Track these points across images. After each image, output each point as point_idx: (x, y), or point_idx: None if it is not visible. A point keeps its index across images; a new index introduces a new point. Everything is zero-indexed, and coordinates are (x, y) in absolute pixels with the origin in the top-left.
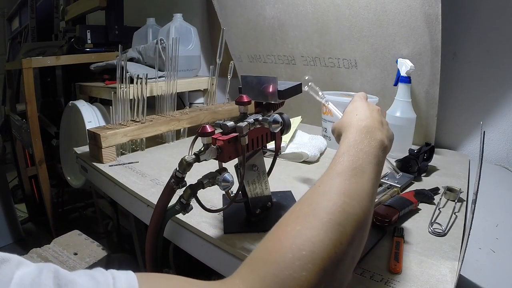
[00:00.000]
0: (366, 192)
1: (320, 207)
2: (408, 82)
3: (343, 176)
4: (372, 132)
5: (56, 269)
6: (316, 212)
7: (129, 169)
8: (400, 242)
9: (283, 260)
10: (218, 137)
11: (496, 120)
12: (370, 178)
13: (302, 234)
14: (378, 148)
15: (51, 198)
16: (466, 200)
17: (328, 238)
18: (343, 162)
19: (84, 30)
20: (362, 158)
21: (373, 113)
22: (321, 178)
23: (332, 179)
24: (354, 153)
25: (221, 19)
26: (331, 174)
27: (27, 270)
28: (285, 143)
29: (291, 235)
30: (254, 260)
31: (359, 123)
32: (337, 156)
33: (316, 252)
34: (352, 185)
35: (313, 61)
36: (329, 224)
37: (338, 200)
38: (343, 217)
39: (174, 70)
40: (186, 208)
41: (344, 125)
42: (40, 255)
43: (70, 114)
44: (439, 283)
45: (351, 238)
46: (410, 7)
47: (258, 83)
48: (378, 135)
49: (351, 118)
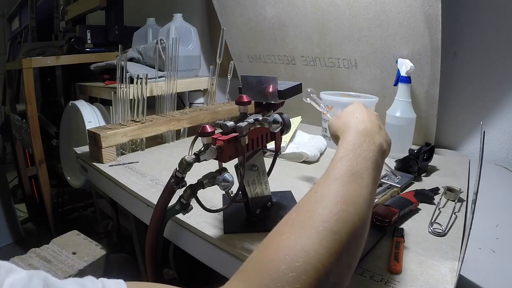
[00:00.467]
0: (363, 198)
1: (316, 215)
2: (408, 82)
3: (341, 181)
4: (371, 135)
5: (46, 276)
6: (312, 220)
7: (129, 169)
8: (400, 242)
9: (276, 271)
10: (218, 137)
11: (496, 120)
12: (368, 184)
13: (296, 244)
14: (377, 152)
15: (51, 198)
16: (466, 200)
17: (323, 248)
18: (341, 167)
19: (84, 30)
20: (361, 163)
21: (371, 117)
22: (318, 183)
23: (329, 185)
24: (352, 157)
25: (221, 19)
26: (328, 179)
27: (17, 277)
28: (285, 143)
29: (285, 244)
30: (247, 270)
31: (358, 126)
32: (335, 159)
33: (310, 262)
34: (349, 192)
35: (313, 61)
36: (324, 233)
37: (334, 208)
38: (339, 225)
39: (174, 70)
40: (186, 208)
41: (343, 126)
42: (38, 254)
43: (70, 114)
44: (439, 283)
45: (346, 246)
46: (410, 7)
47: (258, 83)
48: (377, 138)
49: (350, 119)
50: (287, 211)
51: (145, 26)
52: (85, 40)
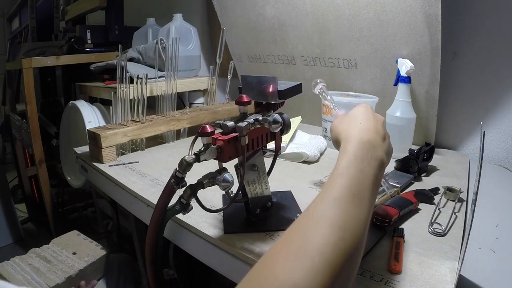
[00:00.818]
0: (362, 221)
1: (312, 243)
2: (408, 82)
3: (340, 203)
4: (374, 149)
5: None
6: (308, 249)
7: (129, 169)
8: (400, 242)
9: None
10: (218, 137)
11: (496, 120)
12: (367, 205)
13: (288, 278)
14: (378, 168)
15: (51, 198)
16: (466, 200)
17: (316, 284)
18: (341, 185)
19: (84, 30)
20: (362, 180)
21: (377, 125)
22: (316, 201)
23: (328, 207)
24: (354, 173)
25: (221, 19)
26: (327, 198)
27: None
28: (285, 143)
29: (277, 277)
30: None
31: (361, 135)
32: (335, 174)
33: None
34: (348, 217)
35: (313, 61)
36: (319, 266)
37: (332, 236)
38: (335, 255)
39: (174, 70)
40: (186, 208)
41: (344, 132)
42: (39, 254)
43: (70, 114)
44: (439, 283)
45: (340, 275)
46: (410, 7)
47: (258, 83)
48: (379, 152)
49: (354, 125)
50: (287, 211)
51: (145, 26)
52: (85, 40)
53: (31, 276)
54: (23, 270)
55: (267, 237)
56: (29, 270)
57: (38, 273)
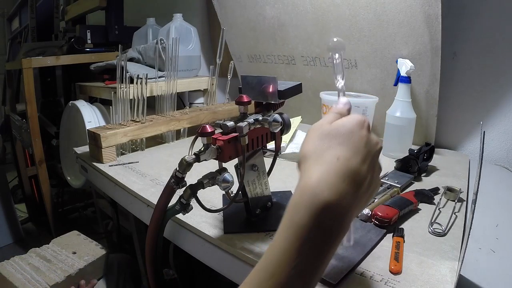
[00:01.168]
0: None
1: None
2: (408, 82)
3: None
4: (340, 218)
5: None
6: None
7: (129, 169)
8: (400, 242)
9: None
10: (218, 137)
11: (496, 120)
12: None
13: None
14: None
15: (51, 198)
16: (466, 200)
17: None
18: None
19: (84, 30)
20: (316, 264)
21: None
22: (252, 273)
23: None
24: (305, 259)
25: (221, 19)
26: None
27: None
28: (285, 143)
29: None
30: None
31: (329, 189)
32: (279, 258)
33: None
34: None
35: (313, 61)
36: None
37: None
38: None
39: (174, 70)
40: (186, 208)
41: (308, 166)
42: (39, 254)
43: (70, 114)
44: (439, 283)
45: None
46: (410, 7)
47: (258, 83)
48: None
49: (327, 158)
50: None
51: (145, 26)
52: (85, 40)
53: (31, 275)
54: (23, 269)
55: (267, 237)
56: (29, 269)
57: (38, 272)
